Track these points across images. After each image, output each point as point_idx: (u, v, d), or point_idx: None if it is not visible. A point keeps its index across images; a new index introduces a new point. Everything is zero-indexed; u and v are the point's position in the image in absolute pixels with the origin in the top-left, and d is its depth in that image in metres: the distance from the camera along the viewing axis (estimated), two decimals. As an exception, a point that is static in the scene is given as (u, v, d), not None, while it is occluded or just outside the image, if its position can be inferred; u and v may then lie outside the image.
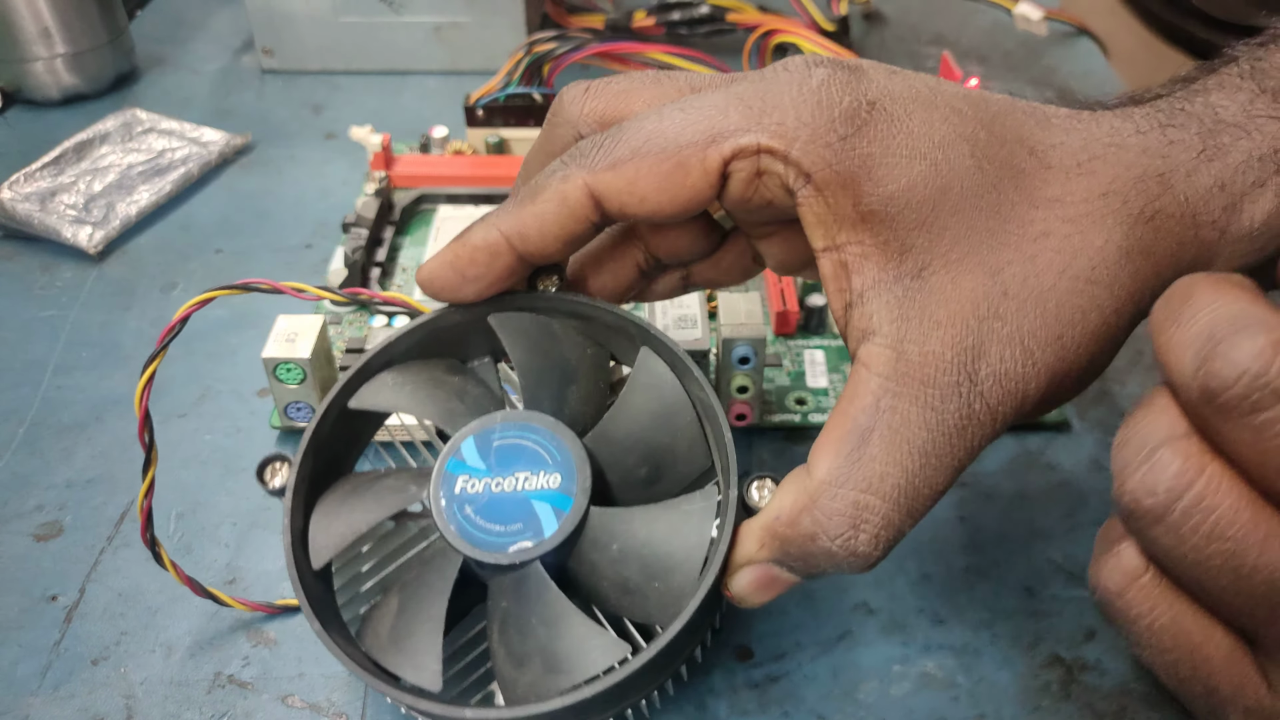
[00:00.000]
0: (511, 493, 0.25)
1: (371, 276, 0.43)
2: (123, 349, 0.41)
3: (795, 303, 0.40)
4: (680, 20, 0.56)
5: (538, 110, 0.49)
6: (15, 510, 0.34)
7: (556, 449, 0.26)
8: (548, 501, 0.25)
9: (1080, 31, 0.65)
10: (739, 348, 0.33)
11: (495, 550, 0.24)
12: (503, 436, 0.26)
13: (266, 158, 0.52)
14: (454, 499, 0.25)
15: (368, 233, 0.43)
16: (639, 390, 0.27)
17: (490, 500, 0.25)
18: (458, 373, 0.28)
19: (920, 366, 0.21)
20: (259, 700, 0.29)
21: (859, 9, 0.68)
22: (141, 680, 0.29)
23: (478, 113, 0.48)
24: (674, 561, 0.25)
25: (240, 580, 0.32)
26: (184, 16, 0.67)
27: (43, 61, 0.55)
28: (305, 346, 0.33)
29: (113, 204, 0.47)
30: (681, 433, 0.27)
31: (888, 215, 0.22)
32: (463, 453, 0.25)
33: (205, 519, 0.34)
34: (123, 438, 0.37)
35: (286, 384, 0.34)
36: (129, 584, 0.32)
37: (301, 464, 0.25)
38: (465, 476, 0.25)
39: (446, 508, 0.25)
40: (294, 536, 0.25)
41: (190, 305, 0.27)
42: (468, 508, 0.25)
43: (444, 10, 0.57)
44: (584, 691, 0.22)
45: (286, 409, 0.35)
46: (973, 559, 0.33)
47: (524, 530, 0.25)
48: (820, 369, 0.39)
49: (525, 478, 0.25)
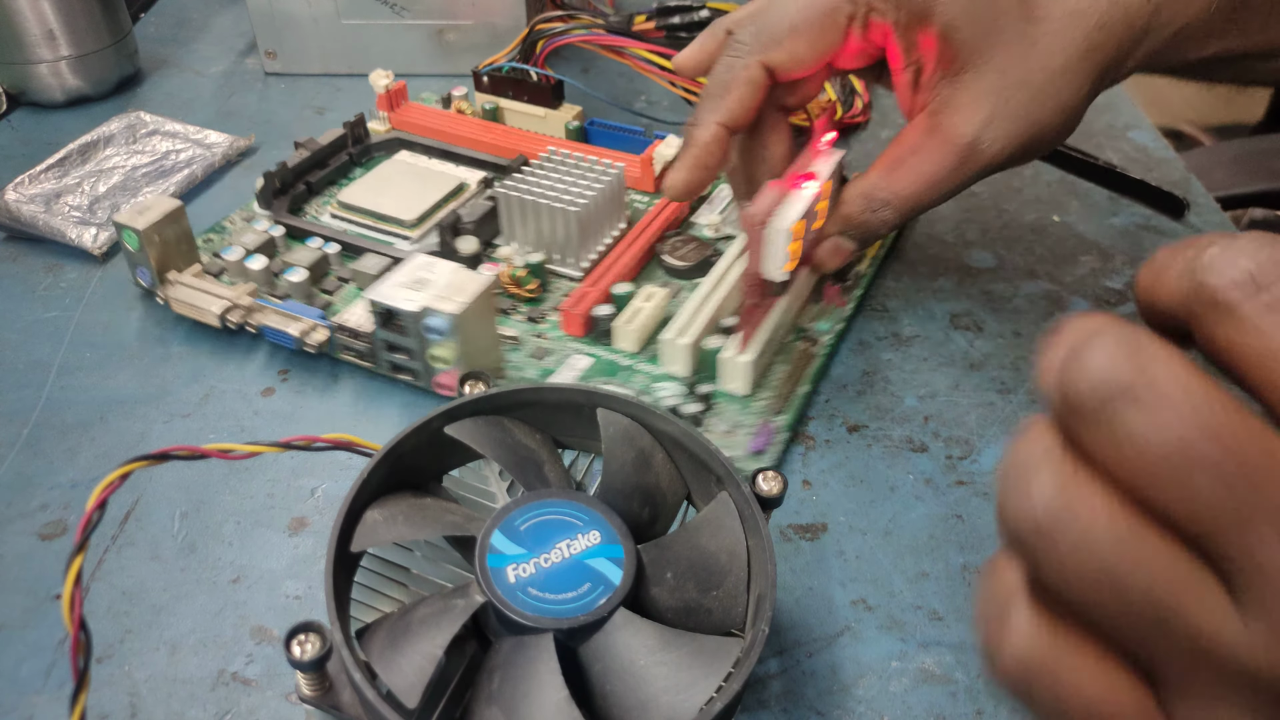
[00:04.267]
0: (563, 562, 0.25)
1: (295, 193, 0.47)
2: (126, 350, 0.41)
3: (588, 306, 0.40)
4: (680, 24, 0.57)
5: (530, 87, 0.52)
6: (20, 510, 0.34)
7: (579, 511, 0.26)
8: (601, 555, 0.25)
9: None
10: (432, 317, 0.35)
11: (581, 613, 0.24)
12: (524, 519, 0.26)
13: (270, 159, 0.53)
14: (512, 589, 0.25)
15: (309, 154, 0.48)
16: (615, 443, 0.28)
17: (547, 575, 0.25)
18: (429, 494, 0.28)
19: (947, 132, 0.34)
20: (262, 697, 0.29)
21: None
22: (145, 678, 0.29)
23: (483, 79, 0.52)
24: (723, 567, 0.26)
25: (244, 579, 0.32)
26: (187, 19, 0.68)
27: (47, 64, 0.56)
28: (146, 220, 0.39)
29: (117, 205, 0.48)
30: (661, 470, 0.28)
31: (945, 35, 0.33)
32: (496, 546, 0.25)
33: (209, 518, 0.34)
34: (127, 437, 0.37)
35: (128, 246, 0.40)
36: (133, 582, 0.32)
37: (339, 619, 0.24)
38: (512, 565, 0.25)
39: (511, 598, 0.24)
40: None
41: (105, 485, 0.25)
42: (531, 590, 0.25)
43: (446, 13, 0.58)
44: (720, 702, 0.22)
45: (136, 270, 0.41)
46: (970, 557, 0.33)
47: (594, 587, 0.25)
48: (574, 374, 0.38)
49: (569, 544, 0.26)
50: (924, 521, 0.34)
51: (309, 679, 0.24)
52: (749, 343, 0.37)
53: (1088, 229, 0.48)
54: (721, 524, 0.27)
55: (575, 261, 0.43)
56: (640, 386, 0.38)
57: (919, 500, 0.35)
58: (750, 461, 0.35)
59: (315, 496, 0.35)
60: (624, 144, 0.51)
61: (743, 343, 0.37)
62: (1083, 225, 0.49)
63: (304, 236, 0.44)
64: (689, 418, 0.36)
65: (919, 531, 0.34)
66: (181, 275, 0.41)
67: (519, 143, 0.50)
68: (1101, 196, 0.51)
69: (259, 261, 0.41)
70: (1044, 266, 0.46)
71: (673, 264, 0.44)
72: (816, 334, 0.41)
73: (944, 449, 0.37)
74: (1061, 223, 0.49)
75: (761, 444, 0.36)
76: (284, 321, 0.39)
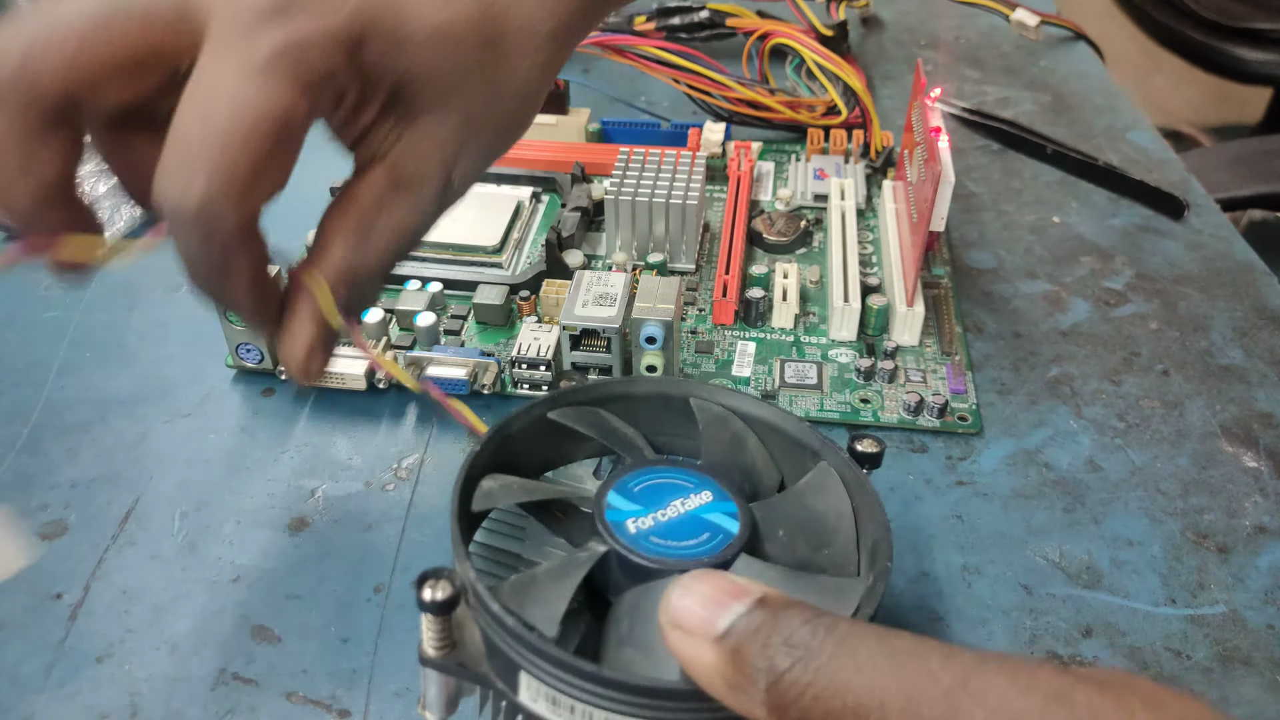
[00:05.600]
0: (680, 516, 0.26)
1: None
2: (127, 349, 0.41)
3: (736, 293, 0.41)
4: (680, 25, 0.57)
5: None
6: (20, 509, 0.34)
7: (688, 476, 0.27)
8: (717, 511, 0.26)
9: (1076, 36, 0.66)
10: (647, 327, 0.36)
11: (704, 556, 0.25)
12: (638, 482, 0.27)
13: (269, 160, 0.53)
14: (634, 538, 0.25)
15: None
16: (710, 425, 0.29)
17: (665, 527, 0.26)
18: (534, 476, 0.30)
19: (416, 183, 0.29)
20: (263, 697, 0.29)
21: (857, 13, 0.68)
22: (146, 677, 0.29)
23: None
24: (832, 527, 0.27)
25: (245, 578, 0.32)
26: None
27: (46, 64, 0.55)
28: None
29: (117, 205, 0.48)
30: (755, 452, 0.29)
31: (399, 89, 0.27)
32: (613, 504, 0.26)
33: (209, 517, 0.34)
34: (127, 437, 0.37)
35: (235, 325, 0.37)
36: (133, 582, 0.32)
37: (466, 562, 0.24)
38: (631, 519, 0.26)
39: (634, 545, 0.25)
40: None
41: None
42: (652, 538, 0.25)
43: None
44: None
45: (237, 349, 0.38)
46: (970, 557, 0.33)
47: (714, 536, 0.25)
48: (749, 359, 0.40)
49: (683, 502, 0.26)
50: (924, 522, 0.34)
51: (434, 631, 0.24)
52: (914, 294, 0.40)
53: (1087, 230, 0.48)
54: (825, 487, 0.28)
55: (688, 255, 0.44)
56: (818, 357, 0.40)
57: (919, 501, 0.35)
58: (957, 401, 0.38)
59: (315, 497, 0.35)
60: (644, 138, 0.51)
61: (909, 296, 0.39)
62: (1082, 226, 0.49)
63: (395, 281, 0.42)
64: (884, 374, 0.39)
65: (919, 532, 0.34)
66: None
67: (549, 153, 0.49)
68: (1101, 197, 0.51)
69: (374, 315, 0.39)
70: (1044, 267, 0.46)
71: (773, 241, 0.45)
72: (935, 278, 0.44)
73: (944, 449, 0.37)
74: (1061, 223, 0.49)
75: (961, 385, 0.38)
76: (448, 369, 0.38)
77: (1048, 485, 0.35)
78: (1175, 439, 0.37)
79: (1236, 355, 0.41)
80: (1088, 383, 0.40)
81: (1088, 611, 0.31)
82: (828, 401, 0.38)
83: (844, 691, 0.18)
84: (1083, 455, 0.36)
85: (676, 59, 0.52)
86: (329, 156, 0.30)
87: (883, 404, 0.38)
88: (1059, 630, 0.31)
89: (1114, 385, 0.40)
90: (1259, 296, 0.44)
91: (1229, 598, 0.32)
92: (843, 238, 0.44)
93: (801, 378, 0.39)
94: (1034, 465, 0.36)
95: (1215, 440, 0.37)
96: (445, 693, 0.25)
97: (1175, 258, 0.47)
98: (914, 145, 0.43)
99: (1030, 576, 0.32)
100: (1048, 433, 0.37)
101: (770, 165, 0.51)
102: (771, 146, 0.52)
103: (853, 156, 0.50)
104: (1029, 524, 0.34)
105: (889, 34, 0.67)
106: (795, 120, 0.52)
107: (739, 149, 0.49)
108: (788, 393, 0.38)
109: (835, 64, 0.53)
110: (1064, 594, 0.32)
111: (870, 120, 0.50)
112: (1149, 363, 0.41)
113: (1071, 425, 0.38)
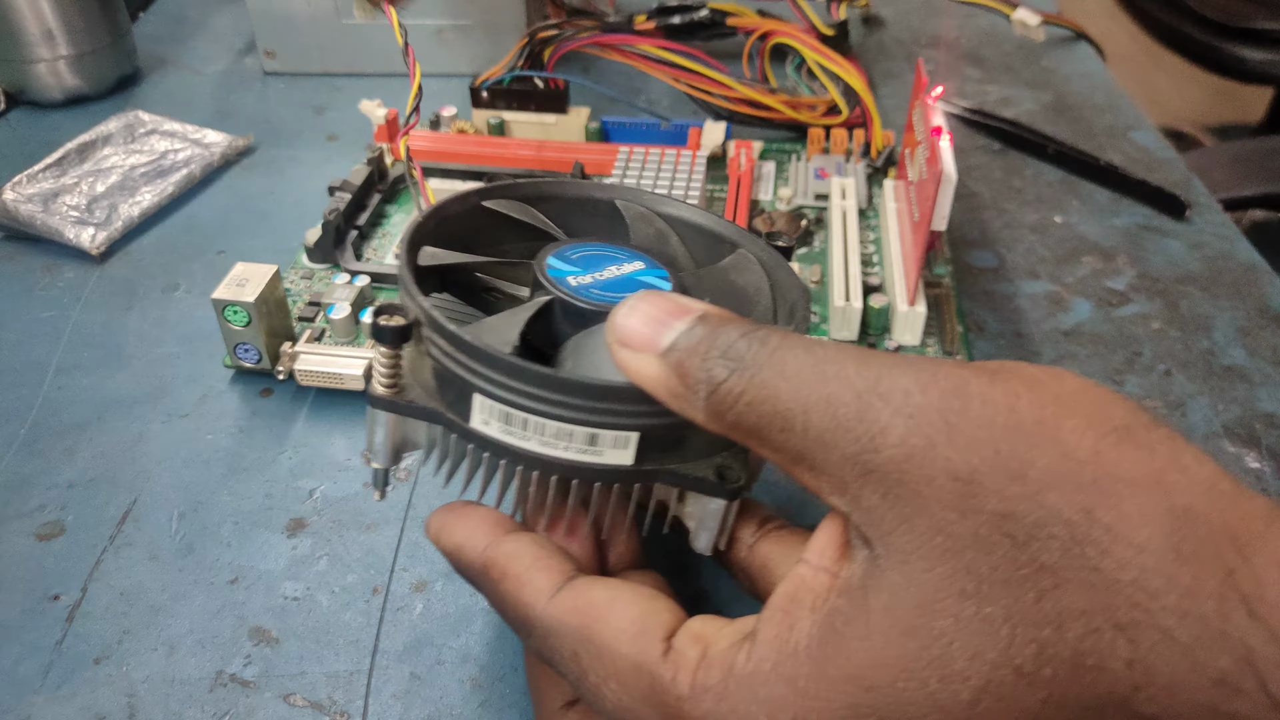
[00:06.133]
0: (615, 277, 0.27)
1: (348, 238, 0.44)
2: (124, 350, 0.41)
3: None
4: (680, 24, 0.57)
5: (538, 95, 0.50)
6: (17, 510, 0.34)
7: (620, 250, 0.29)
8: (649, 275, 0.28)
9: (1078, 35, 0.65)
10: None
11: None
12: (575, 251, 0.28)
13: (268, 159, 0.53)
14: (576, 290, 0.26)
15: (350, 197, 0.45)
16: (638, 220, 0.31)
17: (604, 284, 0.27)
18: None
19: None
20: (261, 699, 0.29)
21: (858, 12, 0.68)
22: (143, 679, 0.29)
23: (482, 94, 0.51)
24: (751, 298, 0.28)
25: (242, 579, 0.32)
26: (186, 18, 0.68)
27: (45, 63, 0.55)
28: (252, 292, 0.36)
29: (115, 205, 0.48)
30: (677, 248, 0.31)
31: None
32: (554, 264, 0.27)
33: (207, 518, 0.34)
34: (124, 438, 0.37)
35: (234, 325, 0.37)
36: (131, 583, 0.32)
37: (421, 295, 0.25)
38: (572, 276, 0.27)
39: (577, 294, 0.26)
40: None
41: None
42: (593, 290, 0.27)
43: (446, 13, 0.57)
44: None
45: (236, 349, 0.38)
46: (972, 559, 0.33)
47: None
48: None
49: (618, 268, 0.28)
50: (925, 522, 0.34)
51: (385, 367, 0.24)
52: (915, 294, 0.39)
53: (1089, 229, 0.48)
54: (746, 266, 0.29)
55: None
56: None
57: (920, 501, 0.35)
58: None
59: (314, 498, 0.35)
60: (645, 137, 0.51)
61: (910, 295, 0.39)
62: (1084, 225, 0.49)
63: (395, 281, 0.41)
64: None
65: (920, 533, 0.34)
66: (298, 345, 0.38)
67: (549, 153, 0.49)
68: (1103, 197, 0.51)
69: (340, 311, 0.39)
70: (1045, 267, 0.46)
71: (775, 242, 0.45)
72: (936, 278, 0.44)
73: (945, 450, 0.37)
74: (1063, 223, 0.49)
75: None
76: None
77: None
78: (1177, 440, 0.37)
79: (1239, 355, 0.41)
80: (1089, 383, 0.40)
81: (1090, 613, 0.31)
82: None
83: (773, 398, 0.19)
84: (1084, 456, 0.36)
85: (677, 58, 0.52)
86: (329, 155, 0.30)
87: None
88: (1061, 632, 0.30)
89: (1116, 385, 0.39)
90: (1261, 296, 0.44)
91: (1232, 599, 0.31)
92: (844, 237, 0.43)
93: None
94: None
95: (1218, 441, 0.37)
96: (391, 440, 0.26)
97: (1177, 258, 0.47)
98: (915, 144, 0.43)
99: (1032, 578, 0.32)
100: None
101: (771, 165, 0.51)
102: (772, 146, 0.52)
103: (854, 156, 0.50)
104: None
105: (890, 33, 0.67)
106: (796, 120, 0.52)
107: (739, 148, 0.49)
108: None
109: (836, 63, 0.53)
110: (1066, 595, 0.32)
111: (871, 120, 0.50)
112: (1151, 363, 0.41)
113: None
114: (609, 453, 0.23)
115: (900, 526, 0.18)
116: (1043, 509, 0.17)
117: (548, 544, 0.24)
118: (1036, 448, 0.17)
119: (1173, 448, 0.18)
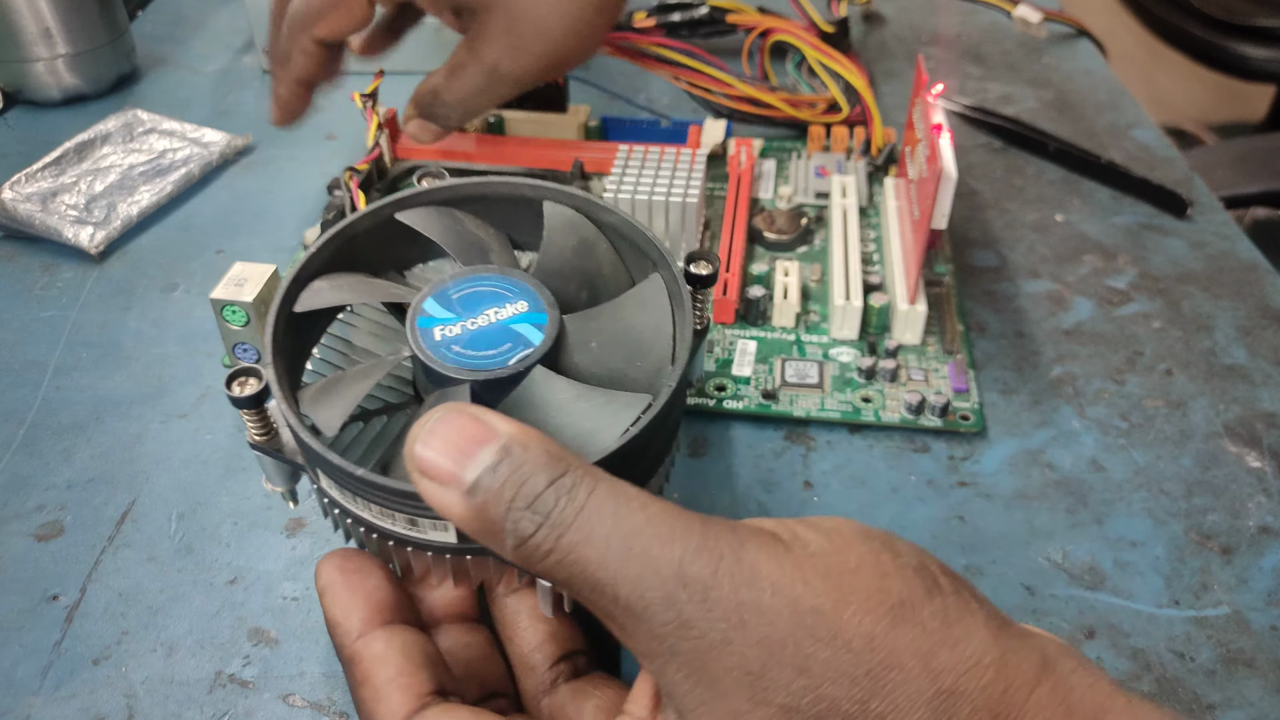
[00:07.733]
0: (488, 325, 0.26)
1: None
2: (123, 349, 0.41)
3: (736, 292, 0.41)
4: (680, 22, 0.56)
5: (537, 93, 0.50)
6: (16, 510, 0.34)
7: (511, 285, 0.28)
8: (525, 321, 0.27)
9: (1079, 32, 0.65)
10: None
11: (498, 367, 0.26)
12: (458, 290, 0.27)
13: (267, 158, 0.52)
14: (437, 345, 0.26)
15: (349, 196, 0.44)
16: (556, 230, 0.30)
17: (472, 336, 0.26)
18: (380, 275, 0.30)
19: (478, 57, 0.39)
20: (260, 699, 0.29)
21: (858, 9, 0.68)
22: (142, 680, 0.29)
23: None
24: (648, 341, 0.27)
25: (241, 579, 0.32)
26: (184, 17, 0.68)
27: (44, 62, 0.55)
28: (251, 291, 0.36)
29: (114, 204, 0.48)
30: (604, 258, 0.30)
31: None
32: (428, 310, 0.27)
33: (206, 519, 0.34)
34: (123, 438, 0.37)
35: (232, 325, 0.36)
36: (129, 584, 0.32)
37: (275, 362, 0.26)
38: (439, 326, 0.26)
39: (435, 353, 0.26)
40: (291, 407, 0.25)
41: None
42: (455, 347, 0.26)
43: (444, 11, 0.57)
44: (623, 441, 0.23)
45: (234, 349, 0.38)
46: (972, 558, 0.33)
47: (515, 347, 0.26)
48: (749, 359, 0.40)
49: (496, 311, 0.27)
50: (926, 523, 0.34)
51: (254, 422, 0.26)
52: (916, 292, 0.39)
53: (1090, 228, 0.48)
54: (648, 300, 0.28)
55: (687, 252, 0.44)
56: (819, 356, 0.40)
57: (921, 501, 0.35)
58: (959, 400, 0.38)
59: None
60: (644, 135, 0.51)
61: (911, 294, 0.39)
62: (1085, 224, 0.48)
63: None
64: (886, 373, 0.38)
65: (921, 533, 0.33)
66: None
67: (548, 151, 0.48)
68: (1104, 195, 0.51)
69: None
70: (1046, 266, 0.46)
71: (774, 239, 0.45)
72: (937, 277, 0.44)
73: (946, 449, 0.36)
74: (1064, 222, 0.49)
75: (963, 384, 0.38)
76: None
77: (1050, 486, 0.35)
78: (1179, 439, 0.37)
79: (1240, 355, 0.41)
80: (1091, 382, 0.39)
81: (1090, 613, 0.31)
82: (829, 401, 0.38)
83: (582, 562, 0.20)
84: (1086, 455, 0.36)
85: (677, 56, 0.52)
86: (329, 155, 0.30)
87: (884, 403, 0.38)
88: (1061, 631, 0.30)
89: (1117, 385, 0.39)
90: (1263, 295, 0.44)
91: (1232, 599, 0.31)
92: (844, 235, 0.43)
93: (802, 377, 0.39)
94: (1037, 465, 0.36)
95: (1219, 440, 0.37)
96: (280, 472, 0.27)
97: (1179, 256, 0.46)
98: (916, 142, 0.43)
99: (1033, 577, 0.32)
100: (1050, 433, 0.37)
101: (771, 163, 0.51)
102: (772, 144, 0.52)
103: (854, 154, 0.50)
104: (1031, 525, 0.34)
105: (890, 30, 0.67)
106: (796, 118, 0.52)
107: (740, 146, 0.49)
108: (789, 392, 0.38)
109: (836, 61, 0.52)
110: (1067, 595, 0.32)
111: (872, 117, 0.50)
112: (1152, 362, 0.41)
113: (1074, 425, 0.37)
114: (431, 532, 0.24)
115: (700, 709, 0.20)
116: (823, 701, 0.19)
117: (416, 651, 0.24)
118: (819, 641, 0.19)
119: (944, 622, 0.20)
